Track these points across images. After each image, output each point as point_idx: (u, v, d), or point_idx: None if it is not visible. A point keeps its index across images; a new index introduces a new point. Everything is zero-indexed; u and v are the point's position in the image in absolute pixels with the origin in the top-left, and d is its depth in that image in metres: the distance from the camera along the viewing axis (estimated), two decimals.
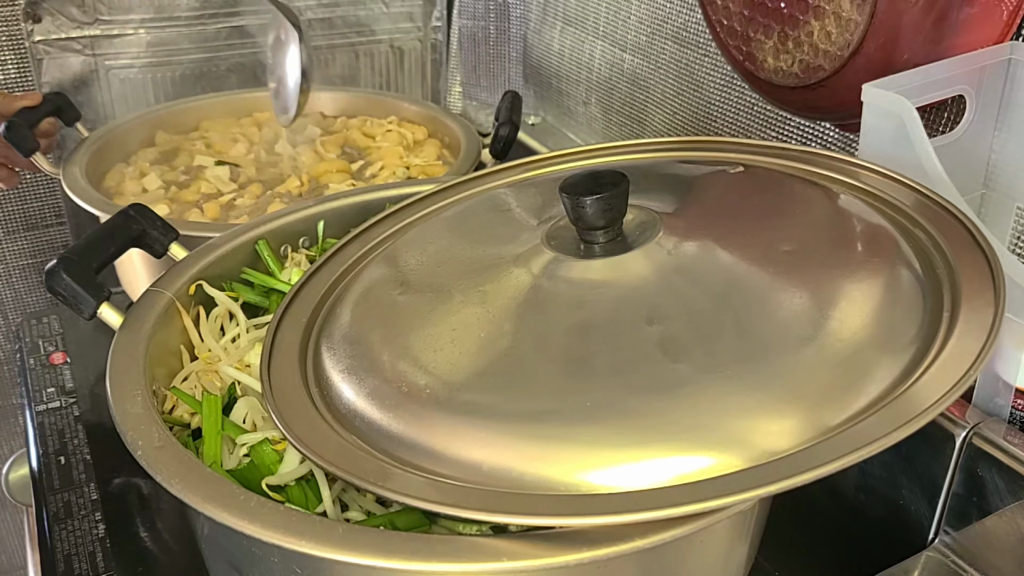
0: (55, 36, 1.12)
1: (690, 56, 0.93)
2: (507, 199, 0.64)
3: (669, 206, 0.56)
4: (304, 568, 0.44)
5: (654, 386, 0.44)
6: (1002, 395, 0.58)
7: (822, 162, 0.60)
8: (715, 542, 0.49)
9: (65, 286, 0.56)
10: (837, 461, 0.38)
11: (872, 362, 0.44)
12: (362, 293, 0.58)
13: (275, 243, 0.70)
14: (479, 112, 1.31)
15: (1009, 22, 0.61)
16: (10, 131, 0.95)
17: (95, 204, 0.85)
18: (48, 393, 0.84)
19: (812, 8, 0.64)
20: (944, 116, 0.66)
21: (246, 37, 1.23)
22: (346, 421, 0.48)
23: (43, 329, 0.93)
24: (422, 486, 0.42)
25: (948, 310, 0.46)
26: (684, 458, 0.41)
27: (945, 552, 0.60)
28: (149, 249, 0.64)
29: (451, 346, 0.49)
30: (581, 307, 0.49)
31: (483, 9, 1.25)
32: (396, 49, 1.33)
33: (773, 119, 0.84)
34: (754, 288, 0.49)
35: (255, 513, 0.42)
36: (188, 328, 0.62)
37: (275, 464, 0.52)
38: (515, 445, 0.43)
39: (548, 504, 0.40)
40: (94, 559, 0.66)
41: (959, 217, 0.52)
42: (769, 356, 0.45)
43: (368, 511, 0.49)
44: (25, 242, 1.18)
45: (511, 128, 0.93)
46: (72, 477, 0.73)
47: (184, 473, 0.45)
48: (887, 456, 0.62)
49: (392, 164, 0.98)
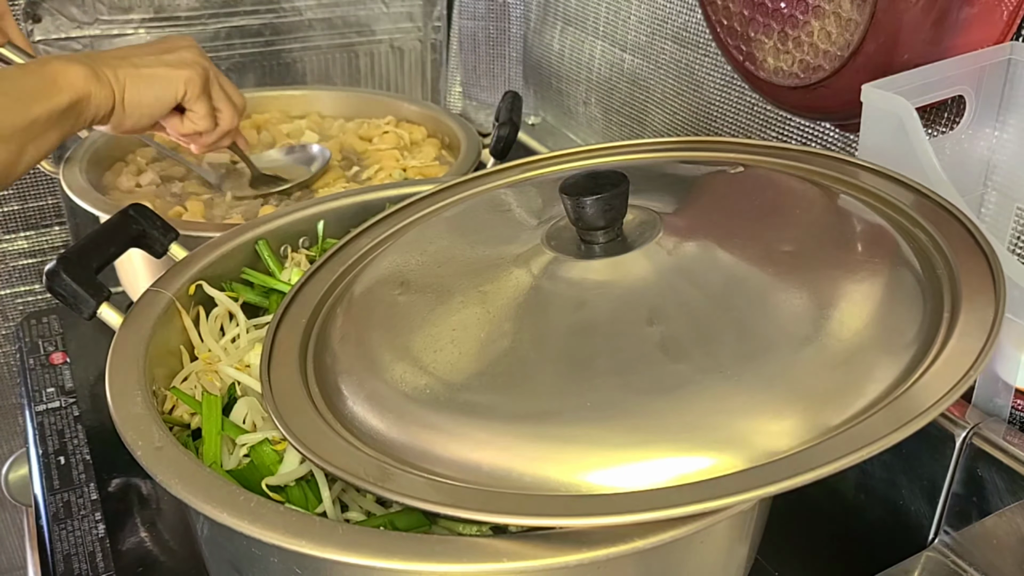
0: (55, 36, 1.12)
1: (690, 56, 0.93)
2: (507, 199, 0.64)
3: (669, 206, 0.56)
4: (304, 568, 0.44)
5: (654, 386, 0.44)
6: (1002, 395, 0.58)
7: (822, 162, 0.60)
8: (715, 542, 0.49)
9: (65, 286, 0.56)
10: (837, 462, 0.38)
11: (872, 362, 0.44)
12: (362, 293, 0.58)
13: (275, 243, 0.70)
14: (479, 112, 1.31)
15: (1009, 22, 0.61)
16: None
17: (95, 204, 0.85)
18: (48, 393, 0.84)
19: (812, 8, 0.64)
20: (944, 116, 0.66)
21: (246, 37, 1.23)
22: (346, 421, 0.48)
23: (43, 329, 0.93)
24: (422, 486, 0.42)
25: (948, 310, 0.46)
26: (684, 458, 0.41)
27: (945, 552, 0.60)
28: (149, 249, 0.64)
29: (451, 346, 0.49)
30: (581, 307, 0.49)
31: (483, 9, 1.25)
32: (396, 49, 1.32)
33: (773, 119, 0.84)
34: (754, 288, 0.49)
35: (255, 513, 0.42)
36: (188, 328, 0.62)
37: (275, 464, 0.52)
38: (515, 445, 0.43)
39: (548, 505, 0.40)
40: (94, 559, 0.66)
41: (959, 217, 0.52)
42: (769, 356, 0.45)
43: (368, 511, 0.49)
44: (25, 242, 1.18)
45: (511, 128, 0.93)
46: (72, 477, 0.73)
47: (184, 473, 0.45)
48: (887, 456, 0.62)
49: (389, 167, 0.98)
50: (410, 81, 1.35)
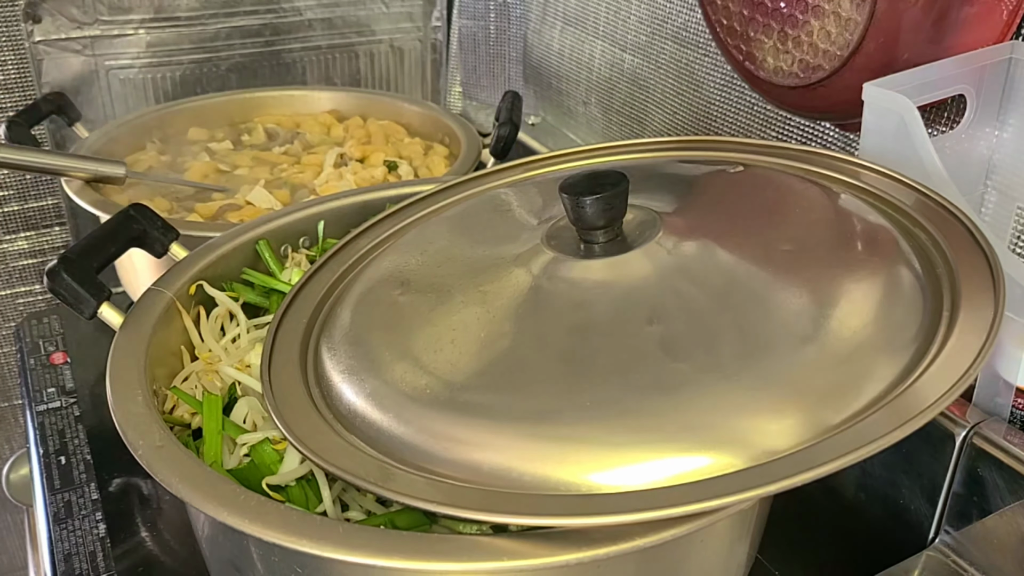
0: (55, 36, 1.12)
1: (690, 56, 0.94)
2: (507, 199, 0.64)
3: (669, 206, 0.56)
4: (304, 567, 0.44)
5: (654, 386, 0.44)
6: (1002, 394, 0.58)
7: (822, 162, 0.60)
8: (715, 541, 0.49)
9: (65, 286, 0.56)
10: (837, 461, 0.38)
11: (872, 361, 0.44)
12: (362, 293, 0.58)
13: (275, 243, 0.70)
14: (479, 112, 1.31)
15: (1009, 22, 0.61)
16: (10, 131, 0.95)
17: (95, 204, 0.85)
18: (48, 393, 0.84)
19: (812, 8, 0.64)
20: (944, 116, 0.66)
21: (246, 37, 1.23)
22: (346, 421, 0.48)
23: (43, 329, 0.93)
24: (422, 486, 0.42)
25: (948, 309, 0.46)
26: (684, 458, 0.41)
27: (945, 552, 0.60)
28: (149, 249, 0.64)
29: (451, 346, 0.49)
30: (581, 307, 0.49)
31: (483, 9, 1.25)
32: (396, 49, 1.33)
33: (773, 119, 0.84)
34: (754, 288, 0.49)
35: (255, 513, 0.42)
36: (188, 328, 0.62)
37: (275, 464, 0.52)
38: (515, 445, 0.43)
39: (548, 504, 0.40)
40: (94, 559, 0.66)
41: (959, 217, 0.52)
42: (769, 355, 0.45)
43: (368, 511, 0.49)
44: (25, 242, 1.18)
45: (511, 128, 0.93)
46: (72, 477, 0.73)
47: (184, 473, 0.45)
48: (887, 455, 0.62)
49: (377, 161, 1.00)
50: (410, 81, 1.36)
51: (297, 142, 1.06)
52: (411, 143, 1.06)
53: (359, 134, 1.08)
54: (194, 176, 0.97)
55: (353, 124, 1.11)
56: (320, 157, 1.01)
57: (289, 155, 1.03)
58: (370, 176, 0.96)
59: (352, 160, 1.01)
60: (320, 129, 1.10)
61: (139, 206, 0.64)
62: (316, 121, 1.12)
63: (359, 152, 1.02)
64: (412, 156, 1.02)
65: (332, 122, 1.12)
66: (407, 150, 1.04)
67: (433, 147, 1.05)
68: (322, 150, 1.03)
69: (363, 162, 1.01)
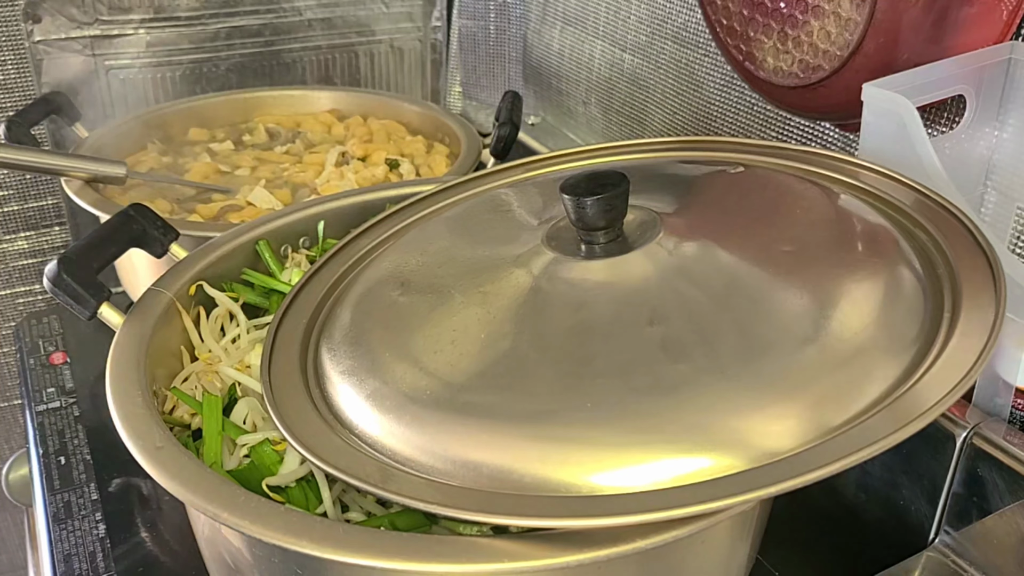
0: (55, 36, 1.12)
1: (690, 56, 0.93)
2: (507, 199, 0.64)
3: (669, 206, 0.56)
4: (304, 568, 0.44)
5: (655, 387, 0.44)
6: (1002, 395, 0.58)
7: (822, 162, 0.60)
8: (716, 543, 0.49)
9: (65, 286, 0.56)
10: (838, 462, 0.38)
11: (873, 362, 0.44)
12: (362, 294, 0.58)
13: (275, 243, 0.70)
14: (479, 112, 1.31)
15: (1009, 22, 0.61)
16: (10, 131, 0.95)
17: (95, 204, 0.85)
18: (48, 393, 0.84)
19: (812, 8, 0.64)
20: (944, 116, 0.66)
21: (246, 37, 1.23)
22: (347, 422, 0.48)
23: (43, 329, 0.93)
24: (422, 487, 0.42)
25: (949, 310, 0.46)
26: (685, 459, 0.41)
27: (945, 552, 0.60)
28: (149, 249, 0.64)
29: (451, 347, 0.49)
30: (581, 308, 0.49)
31: (483, 9, 1.25)
32: (396, 49, 1.32)
33: (773, 119, 0.84)
34: (755, 288, 0.49)
35: (255, 514, 0.42)
36: (188, 328, 0.62)
37: (275, 465, 0.52)
38: (516, 446, 0.43)
39: (549, 505, 0.40)
40: (94, 559, 0.66)
41: (959, 217, 0.52)
42: (770, 356, 0.45)
43: (369, 512, 0.49)
44: (25, 242, 1.18)
45: (511, 128, 0.93)
46: (72, 477, 0.73)
47: (184, 473, 0.45)
48: (887, 456, 0.62)
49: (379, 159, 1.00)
50: (410, 81, 1.35)
51: (299, 141, 1.06)
52: (413, 141, 1.06)
53: (360, 132, 1.08)
54: (195, 177, 0.97)
55: (354, 123, 1.11)
56: (322, 156, 1.01)
57: (291, 154, 1.04)
58: (372, 175, 0.96)
59: (354, 159, 1.01)
60: (321, 128, 1.10)
61: (139, 206, 0.64)
62: (316, 120, 1.12)
63: (361, 150, 1.02)
64: (414, 154, 1.03)
65: (333, 121, 1.12)
66: (409, 148, 1.04)
67: (435, 145, 1.05)
68: (324, 149, 1.03)
69: (365, 160, 1.01)
